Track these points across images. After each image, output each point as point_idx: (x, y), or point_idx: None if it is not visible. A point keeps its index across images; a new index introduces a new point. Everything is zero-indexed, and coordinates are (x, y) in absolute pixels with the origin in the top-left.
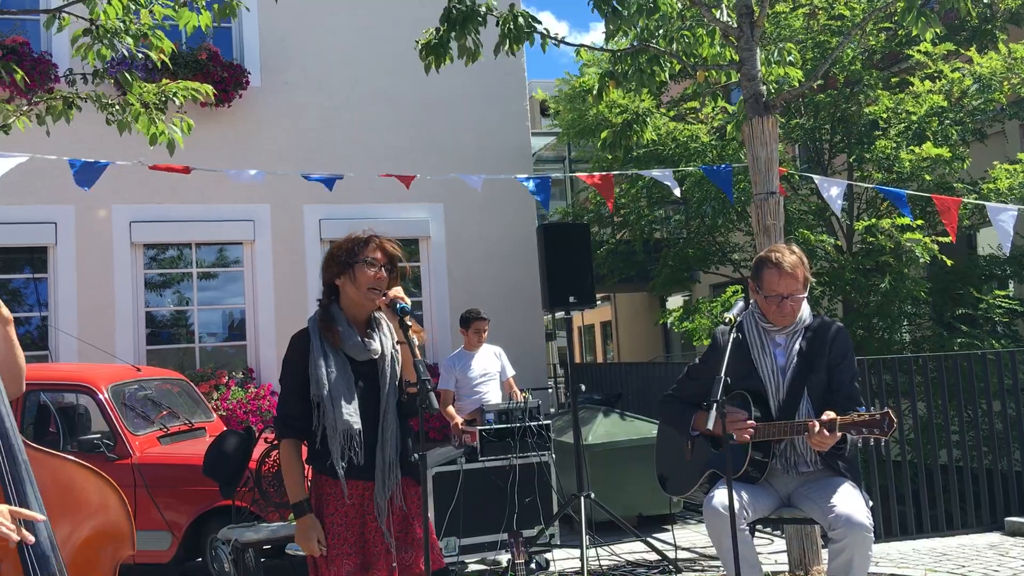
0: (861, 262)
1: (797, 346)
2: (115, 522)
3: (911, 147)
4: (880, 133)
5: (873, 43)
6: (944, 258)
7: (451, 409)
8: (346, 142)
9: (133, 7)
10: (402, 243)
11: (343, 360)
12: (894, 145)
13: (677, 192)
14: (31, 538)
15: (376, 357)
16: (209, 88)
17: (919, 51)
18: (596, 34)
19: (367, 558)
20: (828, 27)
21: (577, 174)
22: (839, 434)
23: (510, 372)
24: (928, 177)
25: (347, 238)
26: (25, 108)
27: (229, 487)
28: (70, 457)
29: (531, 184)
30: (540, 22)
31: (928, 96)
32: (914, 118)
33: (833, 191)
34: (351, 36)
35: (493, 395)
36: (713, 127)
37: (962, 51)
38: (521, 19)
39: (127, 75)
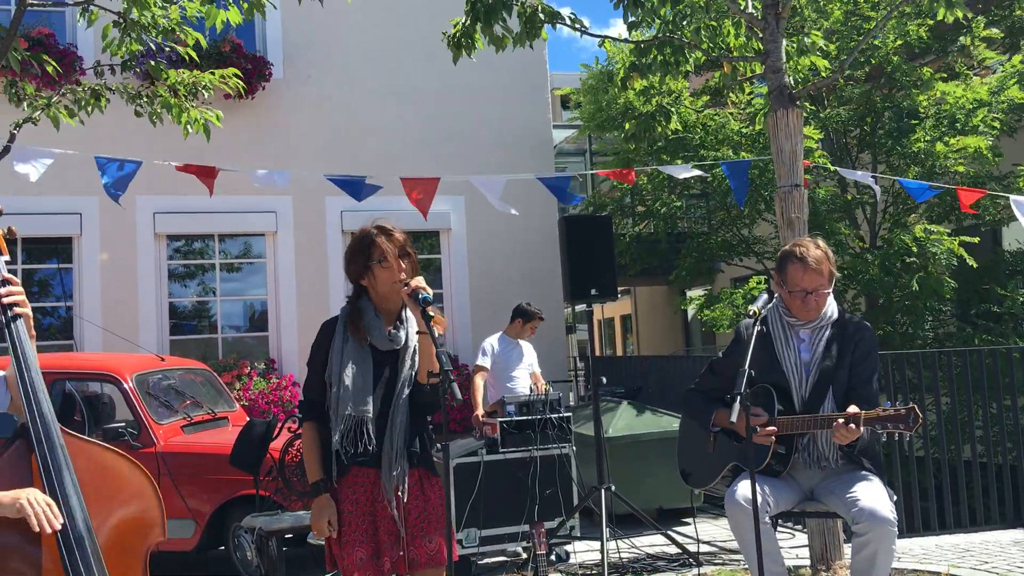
0: (887, 259)
1: (823, 342)
2: (148, 508)
3: (947, 137)
4: (917, 123)
5: (912, 32)
6: (969, 258)
7: (478, 395)
8: (368, 134)
9: (161, 3)
10: (423, 236)
11: (365, 348)
12: (930, 138)
13: (687, 175)
14: (55, 527)
15: (398, 348)
16: (239, 81)
17: (967, 39)
18: (615, 31)
19: (378, 546)
20: (863, 15)
21: (598, 171)
22: (863, 428)
23: (537, 367)
24: (962, 169)
25: (357, 237)
26: (54, 100)
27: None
28: (105, 444)
29: (552, 182)
30: (559, 14)
31: (975, 86)
32: (960, 104)
33: (865, 180)
34: (373, 28)
35: (525, 385)
36: (744, 114)
37: (983, 50)
38: (540, 13)
39: (154, 64)
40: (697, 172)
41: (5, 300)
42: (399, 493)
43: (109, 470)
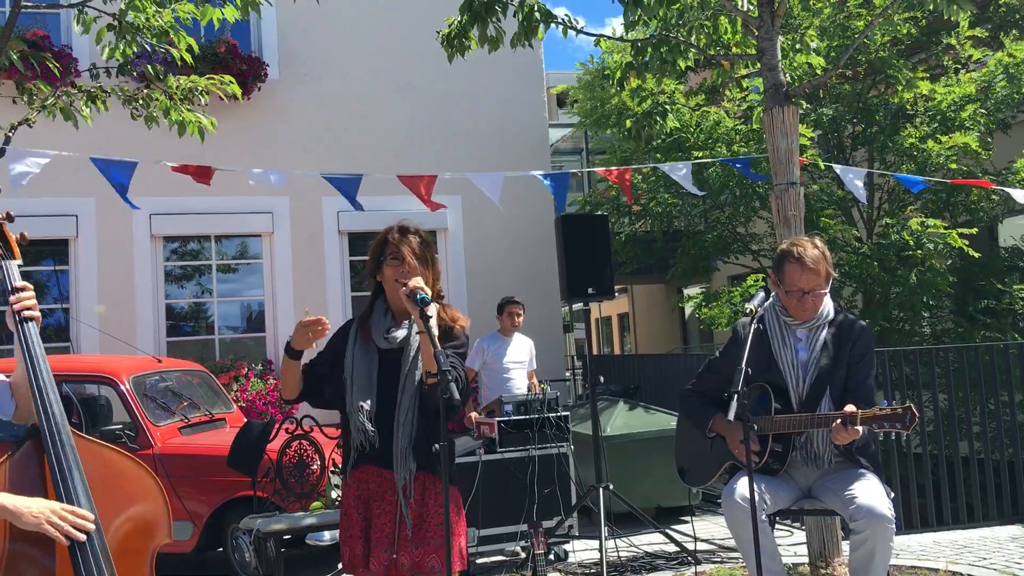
0: (884, 254)
1: (820, 341)
2: (154, 509)
3: (937, 135)
4: (906, 121)
5: (902, 30)
6: (971, 251)
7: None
8: (365, 134)
9: (152, 7)
10: None
11: (372, 348)
12: (920, 136)
13: (690, 187)
14: (82, 537)
15: (395, 346)
16: (235, 86)
17: (952, 39)
18: (610, 30)
19: (368, 544)
20: (855, 13)
21: (596, 168)
22: (860, 428)
23: (533, 365)
24: (953, 166)
25: (378, 234)
26: (49, 103)
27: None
28: (112, 446)
29: (549, 182)
30: (555, 16)
31: (961, 84)
32: (944, 105)
33: (856, 181)
34: (369, 27)
35: (521, 383)
36: (738, 111)
37: (978, 46)
38: (536, 13)
39: (150, 68)
40: (695, 190)
41: (16, 307)
42: (406, 494)
43: (116, 471)
